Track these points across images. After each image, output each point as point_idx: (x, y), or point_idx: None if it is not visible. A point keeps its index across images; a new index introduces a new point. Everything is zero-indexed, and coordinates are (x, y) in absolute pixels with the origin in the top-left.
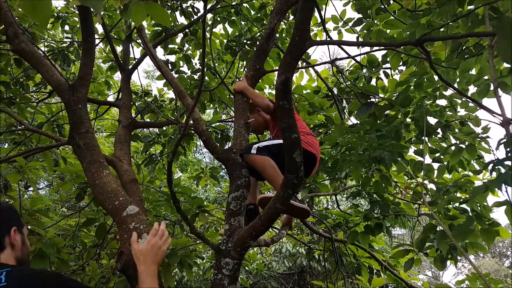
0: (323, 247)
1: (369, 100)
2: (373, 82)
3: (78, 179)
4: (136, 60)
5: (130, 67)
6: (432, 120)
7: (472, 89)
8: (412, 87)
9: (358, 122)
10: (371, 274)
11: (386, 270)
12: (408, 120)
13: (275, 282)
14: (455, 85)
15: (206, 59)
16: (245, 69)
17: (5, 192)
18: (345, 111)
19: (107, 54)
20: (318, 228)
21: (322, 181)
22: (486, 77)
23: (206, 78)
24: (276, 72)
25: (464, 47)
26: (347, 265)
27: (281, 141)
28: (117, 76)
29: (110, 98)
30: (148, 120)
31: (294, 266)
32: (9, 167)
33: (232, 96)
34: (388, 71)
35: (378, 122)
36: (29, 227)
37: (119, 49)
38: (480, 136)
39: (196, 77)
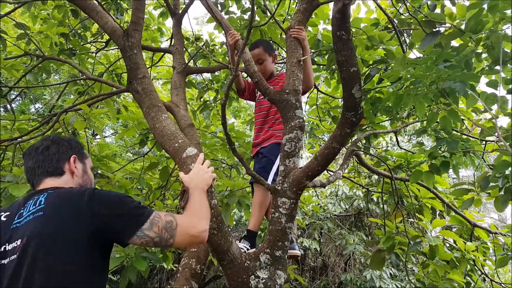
0: (382, 190)
1: (434, 29)
2: (437, 11)
3: (140, 125)
4: (186, 3)
5: (180, 11)
6: (507, 47)
7: None
8: (485, 11)
9: (421, 55)
10: (433, 216)
11: (450, 211)
12: (479, 50)
13: (331, 223)
14: None
15: None
16: (297, 4)
17: None
18: (406, 44)
19: (158, 0)
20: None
21: (381, 122)
22: None
23: (257, 18)
24: (331, 4)
25: None
26: (408, 206)
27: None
28: (169, 23)
29: (164, 46)
30: (200, 66)
31: (351, 208)
32: (75, 115)
33: (284, 36)
34: None
35: (446, 52)
36: (99, 171)
37: None
38: None
39: (246, 17)
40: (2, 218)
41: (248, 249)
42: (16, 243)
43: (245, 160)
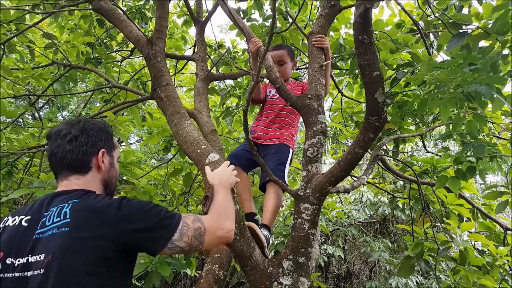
0: (408, 195)
1: (461, 31)
2: (465, 11)
3: (164, 132)
4: (209, 11)
5: (203, 19)
6: None
7: None
8: (511, 12)
9: (449, 58)
10: (460, 222)
11: (477, 218)
12: (506, 51)
13: (355, 230)
14: None
15: (277, 3)
16: (318, 10)
17: None
18: (433, 46)
19: (181, 9)
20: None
21: (408, 127)
22: None
23: (278, 24)
24: (353, 8)
25: None
26: (434, 213)
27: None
28: (192, 31)
29: (187, 54)
30: (223, 72)
31: (376, 214)
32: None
33: (306, 42)
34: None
35: (472, 54)
36: (124, 177)
37: (192, 2)
38: None
39: (267, 24)
40: (23, 223)
41: (269, 236)
42: (40, 257)
43: (267, 167)
